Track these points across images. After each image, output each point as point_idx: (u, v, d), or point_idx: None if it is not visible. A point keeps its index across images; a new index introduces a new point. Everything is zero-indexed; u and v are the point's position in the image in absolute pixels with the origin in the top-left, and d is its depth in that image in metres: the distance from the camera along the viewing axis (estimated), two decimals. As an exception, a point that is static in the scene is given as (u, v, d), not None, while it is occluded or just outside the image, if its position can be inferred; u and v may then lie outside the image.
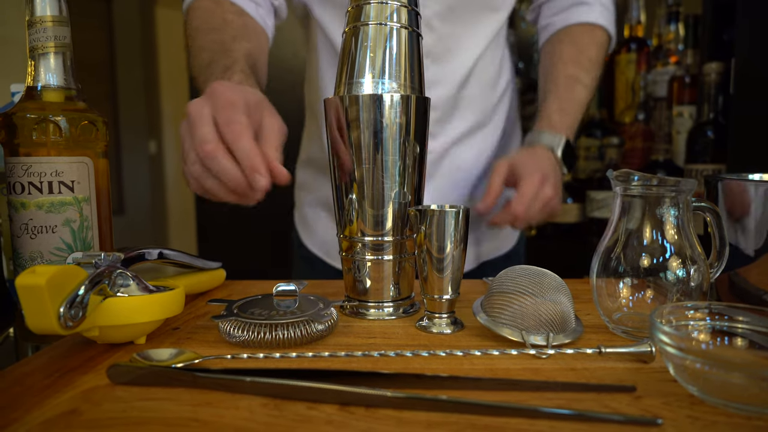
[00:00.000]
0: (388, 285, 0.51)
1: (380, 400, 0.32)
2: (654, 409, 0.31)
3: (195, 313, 0.52)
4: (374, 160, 0.49)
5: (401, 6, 0.49)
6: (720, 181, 0.48)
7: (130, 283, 0.42)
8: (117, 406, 0.32)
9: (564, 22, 0.83)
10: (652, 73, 1.30)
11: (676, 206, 0.42)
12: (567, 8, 0.84)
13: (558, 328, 0.42)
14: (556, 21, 0.84)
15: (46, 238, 0.51)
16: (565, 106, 0.77)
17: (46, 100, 0.52)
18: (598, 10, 0.83)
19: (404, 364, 0.38)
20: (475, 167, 0.82)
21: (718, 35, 1.10)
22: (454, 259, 0.45)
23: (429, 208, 0.46)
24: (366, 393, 0.32)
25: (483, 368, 0.38)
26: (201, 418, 0.31)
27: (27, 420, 0.31)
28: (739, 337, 0.37)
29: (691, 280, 0.42)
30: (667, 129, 1.19)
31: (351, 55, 0.50)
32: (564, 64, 0.79)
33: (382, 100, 0.48)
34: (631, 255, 0.43)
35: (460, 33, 0.76)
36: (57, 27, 0.51)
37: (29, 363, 0.40)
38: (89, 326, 0.39)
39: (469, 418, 0.31)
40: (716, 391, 0.31)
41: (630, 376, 0.36)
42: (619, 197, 0.44)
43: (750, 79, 0.97)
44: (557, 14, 0.85)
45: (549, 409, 0.31)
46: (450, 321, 0.47)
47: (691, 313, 0.38)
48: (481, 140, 0.82)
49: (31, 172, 0.50)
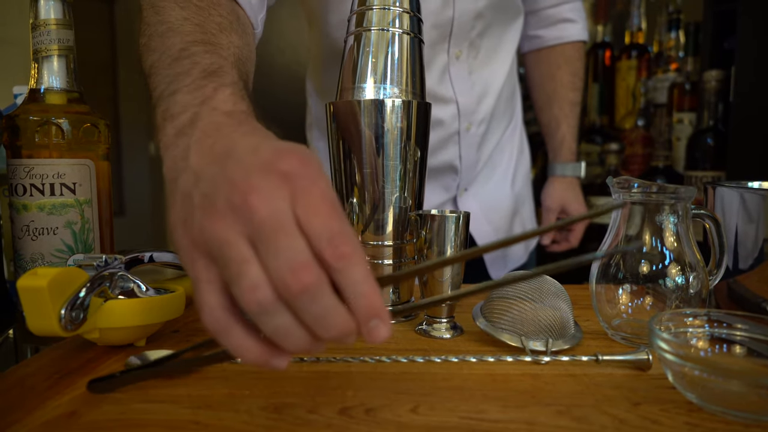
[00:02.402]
0: (387, 289, 0.51)
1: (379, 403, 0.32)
2: (653, 415, 0.31)
3: (194, 316, 0.52)
4: (375, 164, 0.49)
5: (403, 12, 0.50)
6: (719, 188, 0.48)
7: (131, 285, 0.42)
8: (117, 408, 0.33)
9: (556, 39, 0.93)
10: (652, 79, 1.31)
11: (675, 213, 0.43)
12: (555, 23, 0.93)
13: (557, 334, 0.42)
14: (547, 36, 0.94)
15: (48, 239, 0.51)
16: (575, 133, 0.95)
17: (49, 102, 0.52)
18: (581, 26, 0.94)
19: (403, 369, 0.39)
20: (508, 170, 0.90)
21: (719, 43, 1.11)
22: (454, 264, 0.45)
23: (429, 213, 0.46)
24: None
25: (482, 373, 0.38)
26: (201, 420, 0.31)
27: (27, 421, 0.31)
28: (738, 345, 0.37)
29: (690, 287, 0.42)
30: (667, 135, 1.19)
31: (353, 59, 0.50)
32: (566, 91, 0.93)
33: (384, 105, 0.48)
34: (630, 262, 0.43)
35: (498, 48, 0.82)
36: (61, 30, 0.51)
37: (29, 364, 0.40)
38: (90, 328, 0.39)
39: (469, 423, 0.31)
40: (715, 398, 0.31)
41: (629, 382, 0.36)
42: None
43: (750, 87, 0.98)
44: (546, 28, 0.93)
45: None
46: (449, 326, 0.47)
47: (690, 320, 0.38)
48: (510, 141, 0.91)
49: (33, 174, 0.50)
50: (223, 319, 0.27)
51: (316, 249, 0.26)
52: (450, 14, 0.72)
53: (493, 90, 0.82)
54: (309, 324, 0.26)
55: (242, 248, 0.26)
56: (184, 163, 0.31)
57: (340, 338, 0.27)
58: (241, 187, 0.26)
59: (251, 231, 0.26)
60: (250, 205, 0.26)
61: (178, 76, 0.38)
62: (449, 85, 0.76)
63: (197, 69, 0.38)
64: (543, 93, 0.95)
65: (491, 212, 0.85)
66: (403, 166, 0.50)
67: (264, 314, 0.26)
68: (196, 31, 0.43)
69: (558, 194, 0.94)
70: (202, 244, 0.27)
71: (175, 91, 0.37)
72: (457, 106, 0.77)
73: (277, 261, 0.25)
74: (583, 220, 0.94)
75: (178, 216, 0.29)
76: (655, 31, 1.36)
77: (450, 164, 0.80)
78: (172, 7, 0.45)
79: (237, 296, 0.26)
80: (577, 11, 0.93)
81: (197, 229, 0.27)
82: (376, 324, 0.27)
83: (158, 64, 0.41)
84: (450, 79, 0.76)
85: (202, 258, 0.27)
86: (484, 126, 0.82)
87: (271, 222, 0.26)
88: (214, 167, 0.29)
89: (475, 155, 0.82)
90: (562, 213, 0.94)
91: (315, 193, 0.27)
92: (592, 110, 1.33)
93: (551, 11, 0.92)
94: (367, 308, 0.27)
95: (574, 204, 0.94)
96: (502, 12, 0.79)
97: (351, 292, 0.27)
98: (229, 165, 0.28)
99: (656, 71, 1.31)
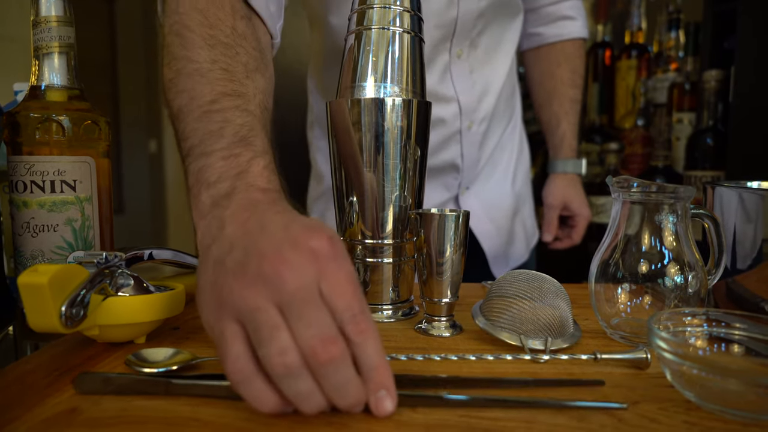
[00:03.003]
0: (387, 288, 0.51)
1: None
2: (651, 414, 0.32)
3: (194, 314, 0.52)
4: (375, 163, 0.49)
5: (404, 11, 0.50)
6: (718, 188, 0.49)
7: (131, 282, 0.43)
8: (117, 405, 0.33)
9: (556, 36, 0.93)
10: (652, 79, 1.31)
11: (674, 213, 0.43)
12: (555, 21, 0.93)
13: (556, 333, 0.42)
14: (547, 34, 0.93)
15: (48, 236, 0.51)
16: (575, 130, 0.94)
17: (50, 99, 0.52)
18: (581, 23, 0.94)
19: (402, 367, 0.39)
20: (509, 168, 0.90)
21: (719, 43, 1.11)
22: (454, 262, 0.45)
23: (429, 212, 0.46)
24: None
25: (481, 371, 0.38)
26: (201, 417, 0.31)
27: (27, 418, 0.31)
28: (736, 344, 0.37)
29: (689, 287, 0.42)
30: (667, 135, 1.19)
31: (354, 58, 0.50)
32: (566, 88, 0.93)
33: (384, 104, 0.48)
34: (629, 261, 0.43)
35: (498, 47, 0.82)
36: (61, 27, 0.51)
37: (29, 361, 0.40)
38: (90, 325, 0.39)
39: (468, 421, 0.31)
40: (713, 397, 0.31)
41: (627, 381, 0.36)
42: (618, 204, 0.45)
43: (749, 87, 0.98)
44: (546, 25, 0.93)
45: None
46: (449, 324, 0.47)
47: (688, 319, 0.38)
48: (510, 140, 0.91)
49: (34, 170, 0.51)
50: (247, 369, 0.29)
51: (339, 323, 0.29)
52: (454, 14, 0.72)
53: (494, 88, 0.82)
54: (328, 391, 0.29)
55: (273, 314, 0.29)
56: (218, 233, 0.33)
57: (352, 406, 0.30)
58: (272, 258, 0.29)
59: (281, 300, 0.29)
60: (281, 276, 0.29)
61: (211, 134, 0.41)
62: (450, 84, 0.76)
63: (230, 130, 0.41)
64: (543, 90, 0.95)
65: (493, 210, 0.86)
66: (403, 165, 0.50)
67: (289, 377, 0.28)
68: (224, 79, 0.44)
69: (560, 191, 0.93)
70: (230, 306, 0.30)
71: (209, 152, 0.40)
72: (458, 105, 0.77)
73: (308, 331, 0.28)
74: None
75: (207, 279, 0.32)
76: (655, 30, 1.36)
77: (452, 163, 0.80)
78: (201, 44, 0.45)
79: (264, 358, 0.28)
80: (576, 9, 0.93)
81: (227, 292, 0.30)
82: (383, 395, 0.30)
83: (187, 110, 0.43)
84: (451, 78, 0.76)
85: (228, 318, 0.30)
86: (485, 124, 0.82)
87: (301, 294, 0.29)
88: (247, 239, 0.31)
89: (477, 154, 0.82)
90: (564, 210, 0.94)
91: (341, 273, 0.30)
92: (592, 110, 1.33)
93: (551, 8, 0.92)
94: (378, 379, 0.30)
95: (576, 200, 0.93)
96: (502, 10, 0.79)
97: (366, 364, 0.30)
98: (263, 238, 0.31)
99: (656, 71, 1.31)
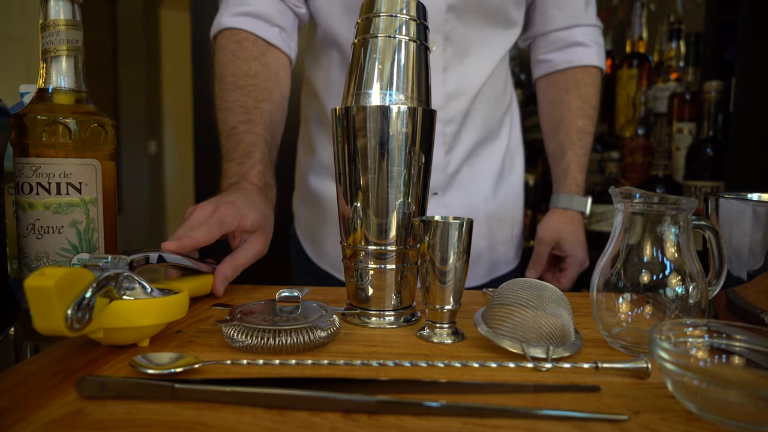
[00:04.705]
0: (390, 294, 0.51)
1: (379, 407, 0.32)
2: (652, 424, 0.32)
3: (198, 317, 0.52)
4: (380, 169, 0.49)
5: (410, 19, 0.50)
6: (718, 199, 0.49)
7: (136, 286, 0.43)
8: (122, 407, 0.33)
9: (566, 63, 0.87)
10: (652, 89, 1.32)
11: (676, 224, 0.43)
12: (566, 47, 0.87)
13: (558, 341, 0.42)
14: (557, 60, 0.87)
15: (53, 238, 0.51)
16: (581, 163, 0.86)
17: (57, 102, 0.52)
18: (594, 50, 0.87)
19: (404, 374, 0.39)
20: (488, 179, 0.86)
21: (719, 54, 1.12)
22: (457, 270, 0.46)
23: (433, 219, 0.47)
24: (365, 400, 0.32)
25: (482, 379, 0.38)
26: (205, 421, 0.31)
27: (33, 420, 0.31)
28: (737, 356, 0.37)
29: (689, 297, 0.42)
30: (667, 145, 1.20)
31: (359, 66, 0.51)
32: (574, 117, 0.85)
33: (390, 111, 0.49)
34: (631, 271, 0.44)
35: (477, 49, 0.79)
36: (70, 31, 0.52)
37: (34, 363, 0.40)
38: (95, 328, 0.39)
39: (472, 428, 0.31)
40: (714, 408, 0.31)
41: (628, 390, 0.37)
42: (620, 214, 0.45)
43: (750, 98, 0.99)
44: (556, 51, 0.88)
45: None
46: (451, 331, 0.47)
47: (690, 330, 0.38)
48: (492, 151, 0.86)
49: (40, 172, 0.51)
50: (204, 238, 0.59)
51: None
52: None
53: (469, 92, 0.79)
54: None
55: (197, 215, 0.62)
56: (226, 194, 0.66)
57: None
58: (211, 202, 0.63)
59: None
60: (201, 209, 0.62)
61: (231, 149, 0.71)
62: None
63: (241, 147, 0.71)
64: (550, 120, 0.89)
65: None
66: (408, 172, 0.50)
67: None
68: (240, 112, 0.72)
69: (554, 227, 0.84)
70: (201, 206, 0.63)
71: (230, 159, 0.71)
72: None
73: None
74: None
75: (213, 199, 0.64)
76: (656, 40, 1.37)
77: None
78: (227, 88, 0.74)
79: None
80: (591, 35, 0.87)
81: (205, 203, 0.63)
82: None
83: (221, 131, 0.74)
84: None
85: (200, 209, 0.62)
86: (453, 126, 0.79)
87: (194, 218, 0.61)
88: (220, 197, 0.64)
89: (443, 158, 0.80)
90: (556, 249, 0.84)
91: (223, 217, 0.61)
92: (593, 118, 1.34)
93: (561, 33, 0.86)
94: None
95: (571, 240, 0.83)
96: (481, 12, 0.77)
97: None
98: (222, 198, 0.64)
99: (657, 80, 1.32)
